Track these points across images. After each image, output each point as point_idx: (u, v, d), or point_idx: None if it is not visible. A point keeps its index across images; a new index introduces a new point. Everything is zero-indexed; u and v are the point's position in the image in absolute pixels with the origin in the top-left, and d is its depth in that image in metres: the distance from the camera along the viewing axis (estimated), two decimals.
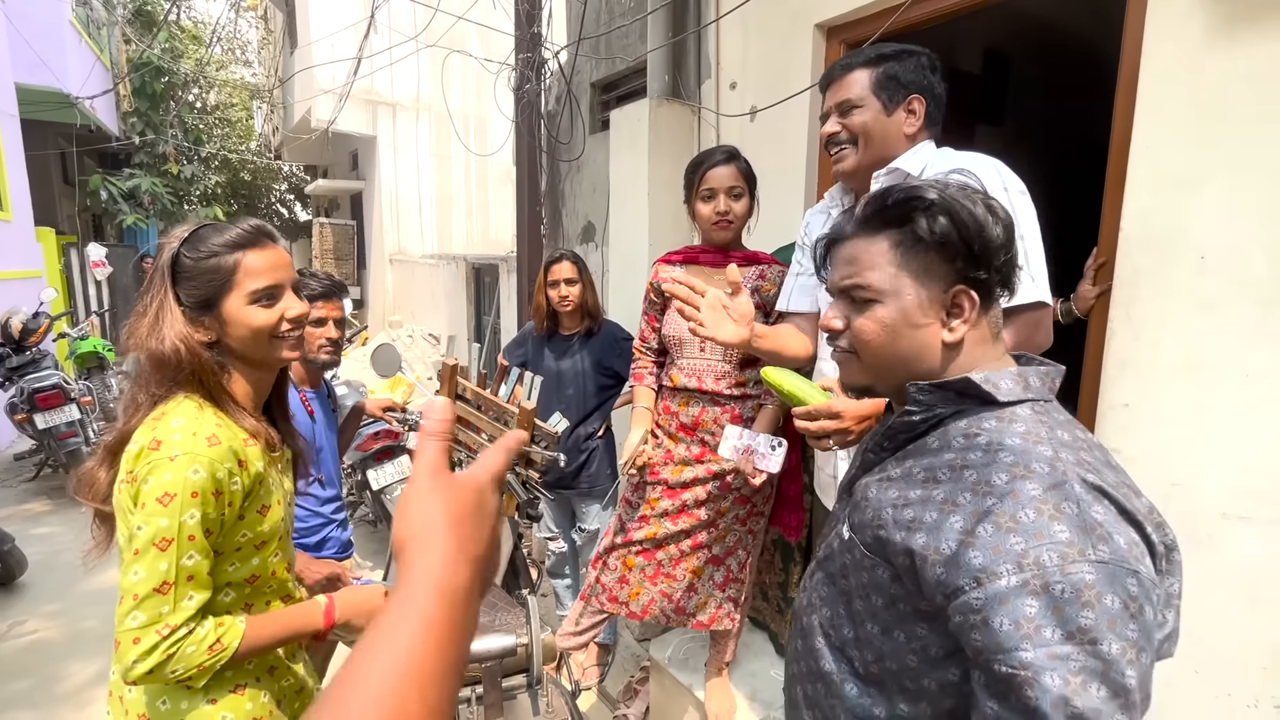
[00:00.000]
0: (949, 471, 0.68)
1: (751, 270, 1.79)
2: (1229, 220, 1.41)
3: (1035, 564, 0.57)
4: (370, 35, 6.52)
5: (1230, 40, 1.40)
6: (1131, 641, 0.56)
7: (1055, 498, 0.60)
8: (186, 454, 0.90)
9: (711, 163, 1.74)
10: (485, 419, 2.09)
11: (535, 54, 3.63)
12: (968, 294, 0.72)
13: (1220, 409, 1.44)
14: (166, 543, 0.89)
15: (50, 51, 7.46)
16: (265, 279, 1.00)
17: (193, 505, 0.90)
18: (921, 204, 0.72)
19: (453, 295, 7.50)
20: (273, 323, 1.01)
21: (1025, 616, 0.57)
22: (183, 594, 0.91)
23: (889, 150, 1.31)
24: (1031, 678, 0.55)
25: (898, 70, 1.29)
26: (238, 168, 12.95)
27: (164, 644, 0.89)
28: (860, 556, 0.75)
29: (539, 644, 1.25)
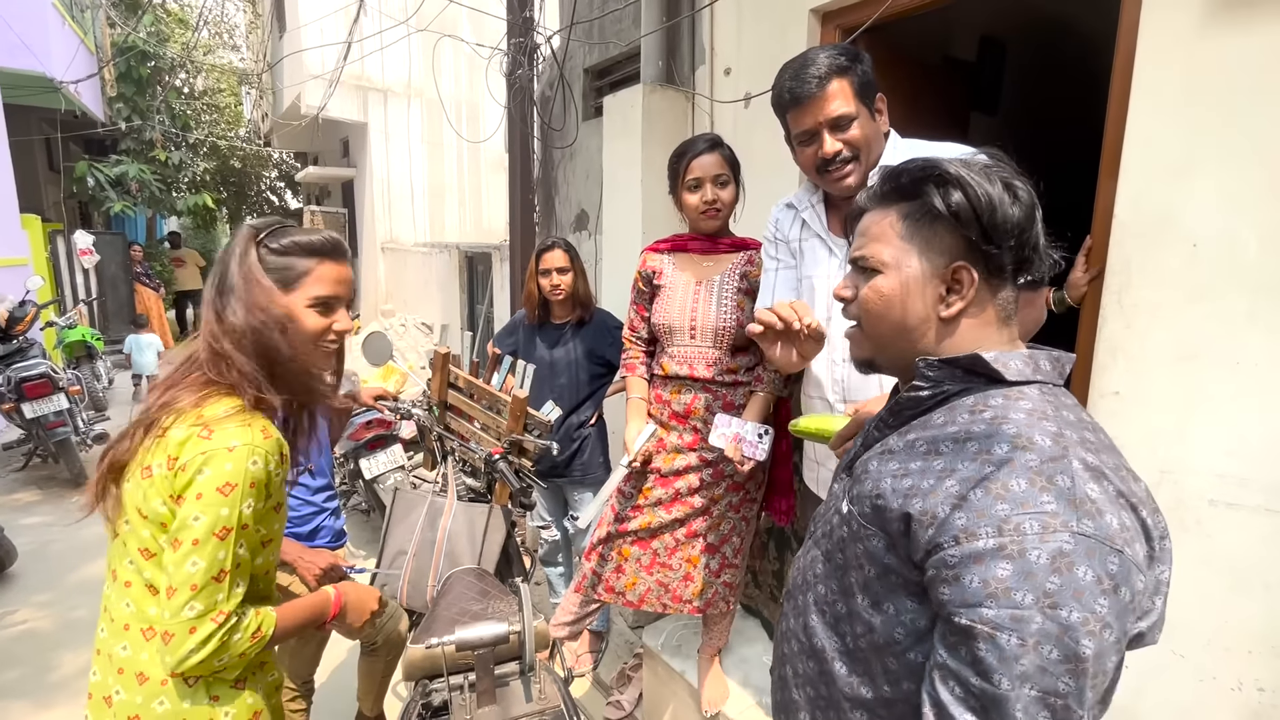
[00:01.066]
0: (952, 444, 0.68)
1: (740, 256, 1.79)
2: (1222, 208, 1.41)
3: (1016, 530, 0.58)
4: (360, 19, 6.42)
5: (1226, 26, 1.39)
6: (1096, 615, 0.56)
7: (1050, 470, 0.61)
8: (246, 444, 0.93)
9: (695, 151, 1.72)
10: (478, 407, 2.09)
11: (528, 39, 3.58)
12: (968, 270, 0.72)
13: (1210, 396, 1.45)
14: (226, 531, 0.91)
15: (32, 34, 7.30)
16: (329, 290, 1.07)
17: (250, 495, 0.93)
18: (935, 177, 0.72)
19: (445, 284, 7.45)
20: (322, 329, 1.07)
21: (996, 577, 0.58)
22: (235, 581, 0.94)
23: (878, 155, 1.31)
24: (989, 634, 0.57)
25: (867, 72, 1.27)
26: (227, 154, 12.79)
27: (220, 632, 0.92)
28: (857, 528, 0.75)
29: (531, 631, 1.25)
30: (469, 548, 1.86)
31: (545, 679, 1.32)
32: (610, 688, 2.46)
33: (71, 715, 2.36)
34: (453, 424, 2.18)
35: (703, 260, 1.81)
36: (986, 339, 0.74)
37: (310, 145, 12.27)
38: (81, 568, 3.37)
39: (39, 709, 2.39)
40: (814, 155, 1.30)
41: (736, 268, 1.77)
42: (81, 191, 9.75)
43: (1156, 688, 1.56)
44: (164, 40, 10.63)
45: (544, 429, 1.97)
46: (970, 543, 0.60)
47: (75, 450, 4.40)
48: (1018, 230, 0.71)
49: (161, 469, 0.92)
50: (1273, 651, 1.41)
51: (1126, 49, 1.55)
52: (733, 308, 1.74)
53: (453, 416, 2.19)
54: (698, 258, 1.82)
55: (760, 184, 2.08)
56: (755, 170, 2.01)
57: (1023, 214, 0.71)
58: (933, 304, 0.74)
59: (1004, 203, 0.71)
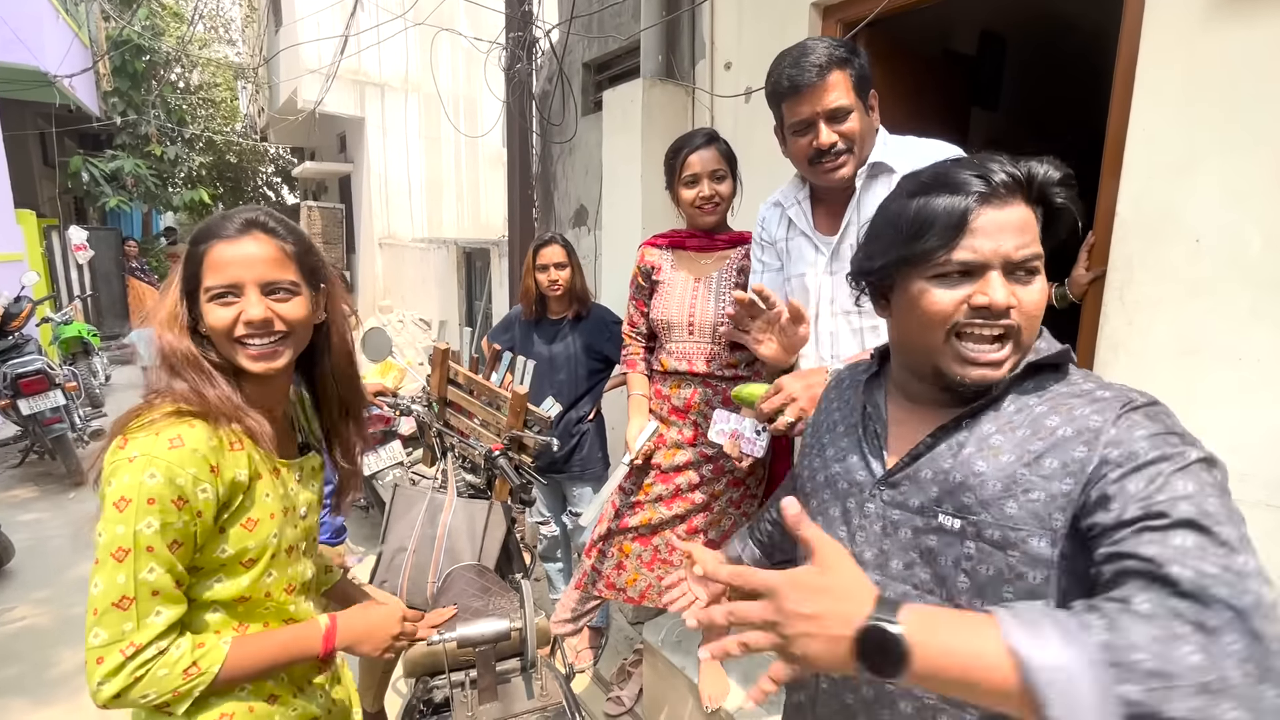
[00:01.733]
0: (1058, 416, 0.69)
1: (737, 251, 1.78)
2: (1224, 203, 1.41)
3: (1165, 444, 0.61)
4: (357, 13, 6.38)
5: (1229, 21, 1.38)
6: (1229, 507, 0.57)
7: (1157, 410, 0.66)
8: (144, 455, 0.82)
9: (692, 147, 1.71)
10: (478, 404, 2.08)
11: (526, 33, 3.56)
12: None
13: (1212, 392, 1.45)
14: (123, 553, 0.81)
15: (26, 28, 7.24)
16: (220, 276, 0.89)
17: (149, 513, 0.81)
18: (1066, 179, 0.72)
19: (443, 279, 7.43)
20: (225, 324, 0.90)
21: (1156, 474, 0.60)
22: (147, 610, 0.83)
23: (870, 150, 1.30)
24: (1166, 509, 0.57)
25: (864, 66, 1.27)
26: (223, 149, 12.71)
27: (130, 664, 0.82)
28: (1001, 536, 0.68)
29: (533, 628, 1.25)
30: (469, 544, 1.86)
31: (547, 675, 1.32)
32: (610, 683, 2.47)
33: (70, 712, 2.35)
34: (452, 420, 2.17)
35: (701, 257, 1.80)
36: None
37: (307, 140, 12.20)
38: (79, 564, 3.36)
39: (38, 706, 2.38)
40: (808, 146, 1.28)
41: (734, 263, 1.77)
42: (76, 187, 9.69)
43: None
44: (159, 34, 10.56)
45: (544, 425, 1.97)
46: (1130, 461, 0.62)
47: (72, 447, 4.38)
48: None
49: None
50: None
51: (1129, 44, 1.55)
52: (731, 303, 1.74)
53: (452, 413, 2.18)
54: (696, 254, 1.81)
55: (761, 179, 2.07)
56: (755, 165, 2.00)
57: None
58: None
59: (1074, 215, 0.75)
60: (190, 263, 0.92)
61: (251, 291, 0.91)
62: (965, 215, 0.70)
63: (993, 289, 0.69)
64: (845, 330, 1.36)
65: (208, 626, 0.92)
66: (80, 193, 9.94)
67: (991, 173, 0.70)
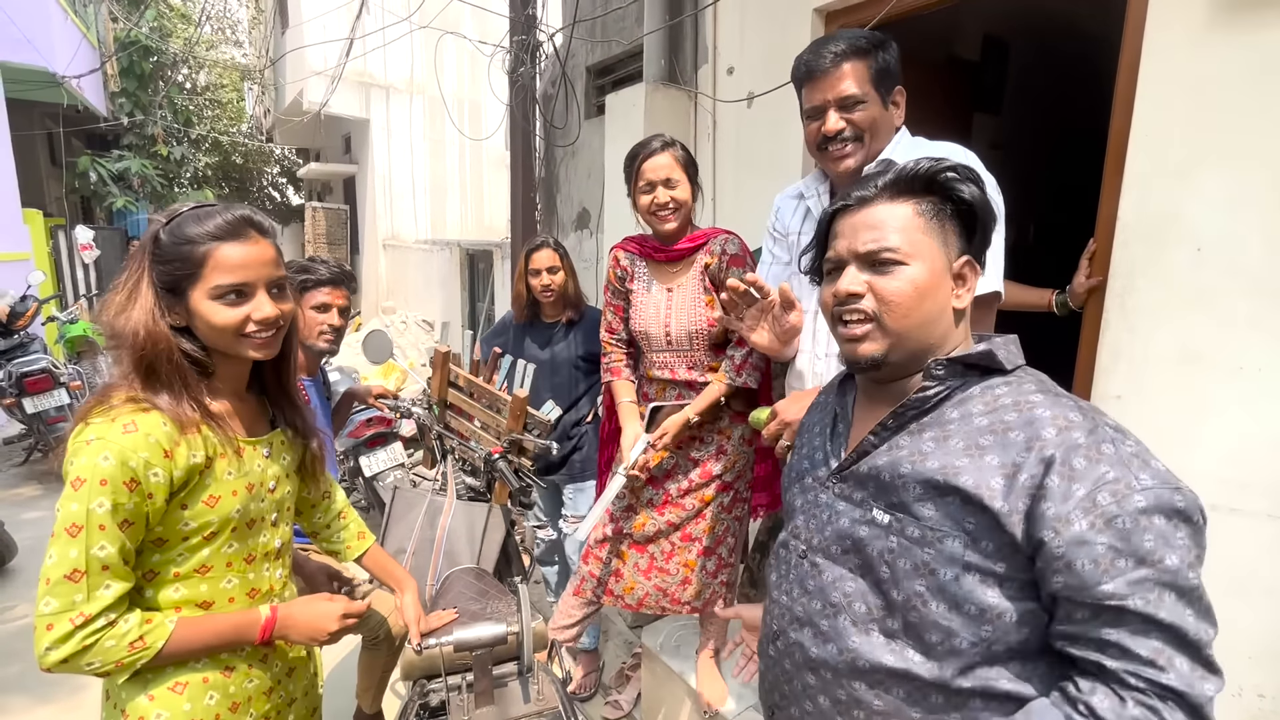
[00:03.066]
0: (991, 436, 0.72)
1: (699, 255, 1.75)
2: (1227, 211, 1.40)
3: (1095, 505, 0.65)
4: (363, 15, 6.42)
5: (1232, 28, 1.38)
6: (1186, 549, 0.64)
7: (1095, 441, 0.68)
8: (100, 439, 0.87)
9: (647, 152, 1.69)
10: (478, 406, 2.08)
11: (530, 36, 3.57)
12: (972, 265, 0.79)
13: (1213, 401, 1.44)
14: (76, 529, 0.86)
15: (35, 29, 7.29)
16: (232, 276, 0.94)
17: (102, 493, 0.86)
18: (957, 173, 0.77)
19: (446, 281, 7.45)
20: (235, 323, 0.95)
21: (1100, 555, 0.64)
22: (97, 583, 0.88)
23: (883, 145, 1.29)
24: (1118, 605, 0.63)
25: (889, 61, 1.24)
26: (229, 150, 12.77)
27: (79, 633, 0.87)
28: (919, 534, 0.74)
29: (529, 632, 1.25)
30: (468, 547, 1.86)
31: (543, 680, 1.32)
32: (609, 687, 2.46)
33: (70, 710, 2.36)
34: (453, 422, 2.18)
35: (669, 267, 1.80)
36: (964, 328, 0.81)
37: (312, 141, 12.26)
38: None
39: (38, 703, 2.39)
40: (817, 131, 1.28)
41: (697, 266, 1.76)
42: (84, 186, 9.75)
43: None
44: (166, 35, 10.62)
45: (543, 429, 1.97)
46: (1067, 530, 0.65)
47: None
48: (991, 229, 0.80)
49: None
50: (1273, 658, 1.40)
51: (1132, 50, 1.55)
52: (703, 308, 1.74)
53: (453, 415, 2.18)
54: (664, 265, 1.80)
55: (761, 183, 2.08)
56: (756, 169, 2.00)
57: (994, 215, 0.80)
58: (949, 296, 0.78)
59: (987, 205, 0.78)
60: (180, 261, 0.93)
61: (260, 292, 0.97)
62: (830, 222, 0.83)
63: (842, 280, 0.80)
64: None
65: (168, 603, 0.97)
66: (87, 192, 10.01)
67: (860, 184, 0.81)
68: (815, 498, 0.88)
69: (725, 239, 1.73)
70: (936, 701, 0.75)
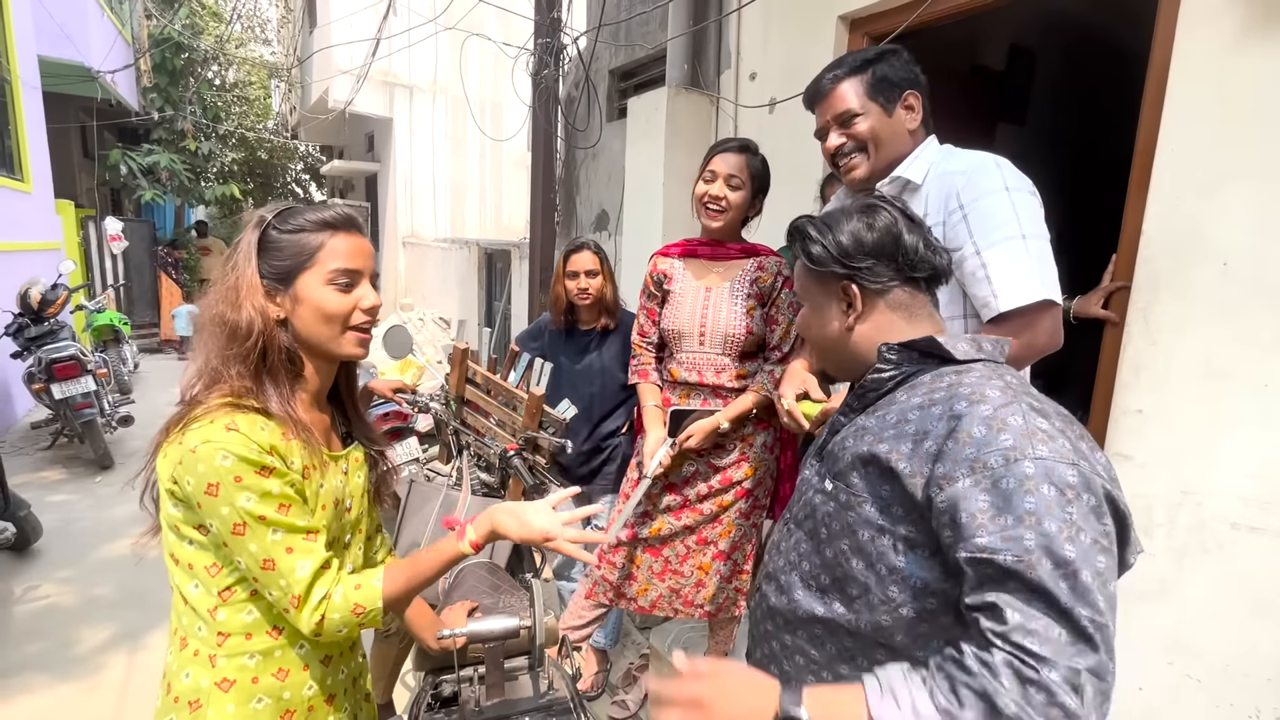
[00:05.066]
0: (918, 411, 0.79)
1: (750, 262, 1.79)
2: (1254, 226, 1.39)
3: (985, 467, 0.69)
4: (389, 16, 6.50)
5: (1261, 43, 1.37)
6: (1069, 521, 0.65)
7: (1004, 414, 0.71)
8: (206, 442, 0.87)
9: (724, 148, 1.72)
10: (494, 403, 2.11)
11: (554, 39, 3.61)
12: (848, 288, 0.90)
13: (1236, 417, 1.42)
14: (242, 527, 0.88)
15: (73, 24, 7.48)
16: (347, 262, 0.96)
17: (242, 490, 0.87)
18: (799, 237, 0.92)
19: (464, 280, 7.52)
20: (346, 309, 0.96)
21: (980, 509, 0.67)
22: (290, 566, 0.89)
23: (899, 149, 1.30)
24: (989, 558, 0.65)
25: (886, 71, 1.29)
26: (255, 146, 12.98)
27: (304, 614, 0.90)
28: (846, 499, 0.83)
29: (541, 627, 1.26)
30: None
31: (554, 674, 1.33)
32: (617, 687, 2.47)
33: (90, 689, 2.41)
34: (469, 419, 2.20)
35: (713, 265, 1.81)
36: (894, 330, 0.88)
37: (336, 139, 12.43)
38: (103, 546, 3.45)
39: (59, 681, 2.45)
40: (827, 150, 1.36)
41: (747, 274, 1.77)
42: (114, 179, 9.96)
43: (1170, 713, 1.54)
44: (198, 33, 10.83)
45: (559, 427, 1.99)
46: (950, 486, 0.70)
47: (100, 431, 4.50)
48: (876, 250, 0.87)
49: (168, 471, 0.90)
50: None
51: (1160, 64, 1.54)
52: (743, 314, 1.74)
53: (469, 411, 2.21)
54: (708, 263, 1.81)
55: (783, 189, 2.08)
56: (778, 175, 2.00)
57: (878, 237, 0.88)
58: (840, 318, 0.91)
59: (860, 231, 0.88)
60: (295, 248, 0.95)
61: (366, 281, 0.99)
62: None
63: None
64: None
65: (241, 628, 0.95)
66: (117, 185, 10.22)
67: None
68: (805, 474, 0.99)
69: (781, 261, 1.76)
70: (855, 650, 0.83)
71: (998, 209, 1.16)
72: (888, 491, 0.78)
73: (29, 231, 6.26)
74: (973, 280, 1.19)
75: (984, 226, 1.16)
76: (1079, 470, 0.67)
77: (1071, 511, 0.65)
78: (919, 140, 1.32)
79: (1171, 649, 1.54)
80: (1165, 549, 1.54)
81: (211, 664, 0.95)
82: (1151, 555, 1.56)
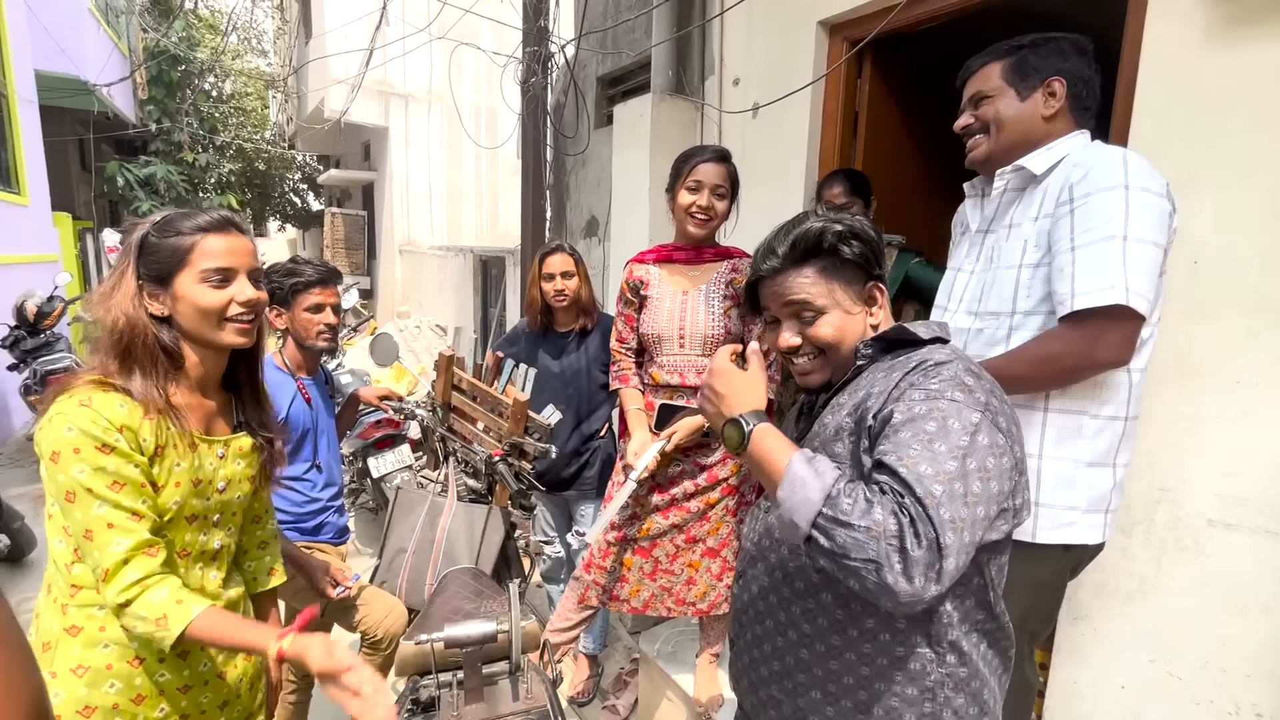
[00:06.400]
0: (883, 374, 0.90)
1: (724, 265, 1.80)
2: (1222, 225, 1.40)
3: (912, 401, 0.81)
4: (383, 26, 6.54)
5: (1229, 42, 1.39)
6: (961, 447, 0.77)
7: (942, 367, 0.84)
8: (60, 414, 0.95)
9: (703, 158, 1.74)
10: (480, 409, 2.12)
11: (542, 48, 3.63)
12: (879, 287, 0.98)
13: (1210, 415, 1.43)
14: (72, 496, 0.95)
15: (69, 38, 7.54)
16: (218, 261, 1.04)
17: (80, 460, 0.94)
18: (839, 238, 0.94)
19: (460, 286, 7.54)
20: (220, 304, 1.05)
21: (902, 437, 0.79)
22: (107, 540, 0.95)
23: (1026, 134, 1.27)
24: (887, 463, 0.77)
25: (1030, 56, 1.26)
26: (252, 156, 13.06)
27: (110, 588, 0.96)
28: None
29: (518, 631, 1.27)
30: (467, 547, 1.89)
31: (533, 679, 1.34)
32: (607, 692, 2.47)
33: None
34: (456, 425, 2.21)
35: (689, 270, 1.83)
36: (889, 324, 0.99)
37: (333, 148, 12.50)
38: None
39: None
40: (957, 129, 1.39)
41: (722, 276, 1.79)
42: (111, 191, 10.02)
43: (1152, 711, 1.54)
44: (194, 45, 10.91)
45: (543, 432, 2.00)
46: (888, 405, 0.83)
47: None
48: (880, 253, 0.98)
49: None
50: (1271, 675, 1.38)
51: (1130, 63, 1.55)
52: (720, 315, 1.76)
53: (456, 418, 2.22)
54: (684, 267, 1.83)
55: (763, 194, 2.10)
56: (759, 180, 2.03)
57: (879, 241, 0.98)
58: (864, 318, 0.97)
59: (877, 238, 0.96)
60: (171, 251, 1.03)
61: (242, 277, 1.07)
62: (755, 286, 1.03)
63: (780, 337, 0.99)
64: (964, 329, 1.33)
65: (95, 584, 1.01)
66: (115, 197, 10.28)
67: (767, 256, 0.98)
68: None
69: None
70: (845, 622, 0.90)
71: (1106, 206, 1.11)
72: (856, 443, 0.87)
73: (25, 244, 6.30)
74: (1058, 276, 1.14)
75: (1086, 224, 1.12)
76: (982, 415, 0.79)
77: (964, 440, 0.77)
78: (1058, 129, 1.26)
79: (1152, 646, 1.54)
80: (1143, 546, 1.55)
81: (64, 612, 1.02)
82: (1130, 553, 1.56)
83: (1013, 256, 1.25)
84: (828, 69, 2.33)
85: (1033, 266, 1.21)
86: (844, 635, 0.90)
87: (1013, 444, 0.82)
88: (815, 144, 2.41)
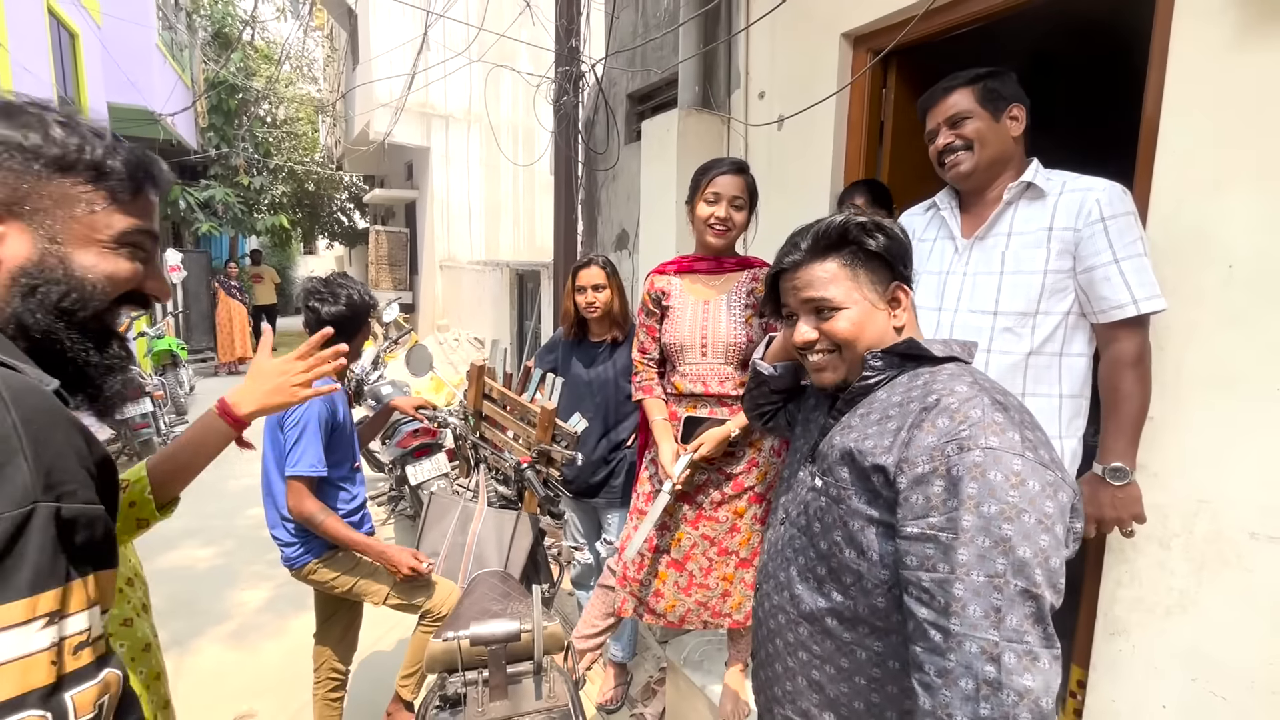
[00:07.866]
0: (897, 409, 0.85)
1: (745, 274, 1.82)
2: (1259, 228, 1.36)
3: (941, 454, 0.75)
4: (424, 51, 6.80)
5: (1260, 40, 1.35)
6: (1011, 505, 0.71)
7: (966, 408, 0.78)
8: None
9: (721, 169, 1.77)
10: (510, 418, 2.18)
11: (573, 67, 3.74)
12: (903, 288, 0.95)
13: (1249, 423, 1.38)
14: None
15: (138, 72, 8.09)
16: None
17: None
18: (863, 229, 0.92)
19: (497, 300, 7.71)
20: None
21: (934, 493, 0.75)
22: None
23: (1002, 152, 1.44)
24: (931, 535, 0.73)
25: (996, 85, 1.43)
26: (302, 178, 13.66)
27: None
28: (837, 493, 0.88)
29: (540, 631, 1.31)
30: (496, 552, 1.94)
31: (556, 679, 1.37)
32: (635, 700, 2.49)
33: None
34: (487, 433, 2.28)
35: (710, 279, 1.85)
36: (912, 329, 0.96)
37: (377, 169, 12.98)
38: (157, 558, 3.65)
39: None
40: (936, 150, 1.51)
41: (743, 285, 1.81)
42: (174, 214, 10.62)
43: None
44: (250, 75, 11.53)
45: (570, 440, 2.05)
46: (911, 470, 0.77)
47: (156, 449, 4.78)
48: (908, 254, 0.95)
49: None
50: None
51: (1159, 64, 1.53)
52: (742, 323, 1.78)
53: (487, 426, 2.29)
54: (705, 277, 1.86)
55: (790, 205, 2.11)
56: (786, 191, 2.05)
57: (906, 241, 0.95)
58: (887, 318, 0.94)
59: (905, 238, 0.94)
60: None
61: None
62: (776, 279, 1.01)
63: (797, 331, 0.97)
64: (978, 327, 1.47)
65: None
66: (177, 219, 10.89)
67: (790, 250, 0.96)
68: (795, 473, 1.04)
69: None
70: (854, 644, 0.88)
71: (1132, 228, 1.33)
72: (874, 482, 0.83)
73: None
74: (1104, 283, 1.33)
75: (1122, 240, 1.32)
76: (1024, 460, 0.73)
77: (1014, 496, 0.71)
78: (1021, 150, 1.46)
79: (1194, 664, 1.48)
80: (1183, 560, 1.49)
81: None
82: (1169, 566, 1.51)
83: (1035, 262, 1.39)
84: (851, 79, 2.35)
85: (1058, 272, 1.37)
86: (853, 658, 0.89)
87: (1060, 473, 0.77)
88: (840, 154, 2.42)
